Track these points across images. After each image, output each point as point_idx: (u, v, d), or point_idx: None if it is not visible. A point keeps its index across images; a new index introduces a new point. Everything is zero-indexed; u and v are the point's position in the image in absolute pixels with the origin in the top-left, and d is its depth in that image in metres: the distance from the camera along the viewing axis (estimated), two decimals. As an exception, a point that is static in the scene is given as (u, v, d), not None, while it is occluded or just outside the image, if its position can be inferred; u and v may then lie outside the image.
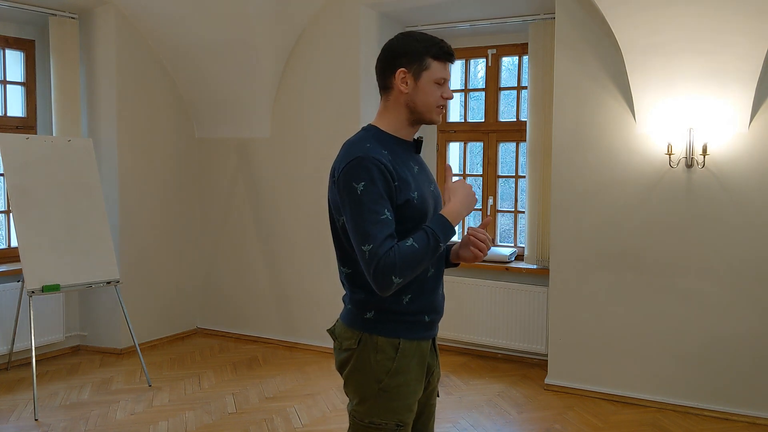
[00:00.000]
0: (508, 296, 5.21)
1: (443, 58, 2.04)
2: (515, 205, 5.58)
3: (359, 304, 2.05)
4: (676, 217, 4.27)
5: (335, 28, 5.34)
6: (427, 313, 2.09)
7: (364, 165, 1.92)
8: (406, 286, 2.01)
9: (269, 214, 5.79)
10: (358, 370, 2.05)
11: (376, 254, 1.87)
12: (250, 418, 4.18)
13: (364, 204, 1.90)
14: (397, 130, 2.08)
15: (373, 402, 2.04)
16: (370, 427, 2.05)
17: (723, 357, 4.17)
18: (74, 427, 4.03)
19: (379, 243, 1.88)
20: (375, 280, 1.90)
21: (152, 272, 5.75)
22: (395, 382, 2.02)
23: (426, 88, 2.03)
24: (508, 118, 5.65)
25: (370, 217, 1.89)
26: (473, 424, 4.09)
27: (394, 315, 2.03)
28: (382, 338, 2.02)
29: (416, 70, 2.03)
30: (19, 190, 4.54)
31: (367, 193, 1.90)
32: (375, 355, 2.02)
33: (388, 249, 1.88)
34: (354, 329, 2.06)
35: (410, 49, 2.03)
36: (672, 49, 4.01)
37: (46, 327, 5.18)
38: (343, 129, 5.23)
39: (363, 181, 1.91)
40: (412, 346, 2.05)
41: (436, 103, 2.06)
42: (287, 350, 5.64)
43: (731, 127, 4.08)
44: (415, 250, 1.90)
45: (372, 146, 1.98)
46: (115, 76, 5.37)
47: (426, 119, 2.08)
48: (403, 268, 1.89)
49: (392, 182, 1.95)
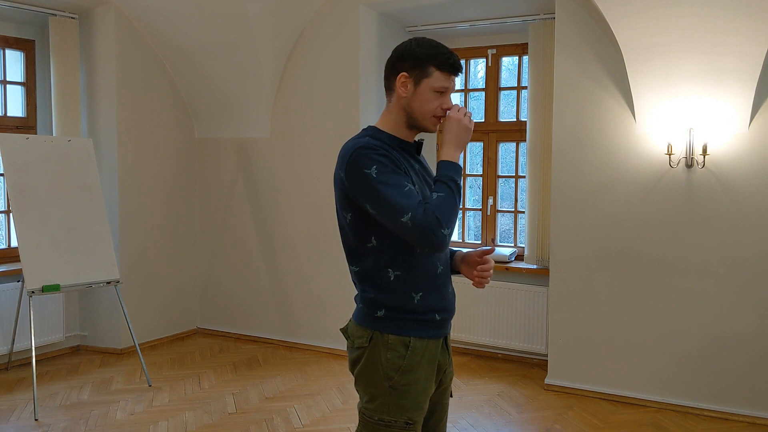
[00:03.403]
0: (508, 296, 5.21)
1: (446, 69, 2.05)
2: (515, 205, 5.58)
3: (370, 302, 2.07)
4: (676, 217, 4.27)
5: (335, 28, 5.34)
6: (437, 311, 2.10)
7: (369, 152, 1.97)
8: (416, 284, 2.05)
9: (269, 214, 5.79)
10: (368, 367, 2.07)
11: (416, 220, 1.91)
12: (250, 418, 4.18)
13: (384, 183, 1.94)
14: (396, 131, 2.11)
15: (383, 400, 2.05)
16: (379, 425, 2.05)
17: (723, 357, 4.18)
18: (74, 427, 4.03)
19: (414, 209, 1.92)
20: (426, 242, 1.93)
21: (152, 272, 5.75)
22: (405, 380, 2.04)
23: (424, 95, 2.06)
24: (508, 118, 5.65)
25: (396, 191, 1.93)
26: (473, 424, 4.09)
27: (404, 313, 2.05)
28: (392, 336, 2.04)
29: (417, 75, 2.05)
30: (19, 190, 4.54)
31: (382, 173, 1.95)
32: (386, 353, 2.04)
33: (423, 211, 1.92)
34: (365, 328, 2.08)
35: (415, 54, 2.05)
36: (672, 49, 4.01)
37: (46, 327, 5.18)
38: (343, 129, 5.23)
39: (374, 165, 1.95)
40: (422, 345, 2.06)
41: (433, 113, 2.08)
42: (287, 350, 5.64)
43: (731, 127, 4.08)
44: (445, 199, 1.95)
45: (372, 140, 2.03)
46: (115, 76, 5.37)
47: (421, 126, 2.11)
48: (446, 217, 1.93)
49: (398, 166, 2.00)
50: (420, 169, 2.13)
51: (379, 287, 2.05)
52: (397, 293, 2.05)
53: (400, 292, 2.04)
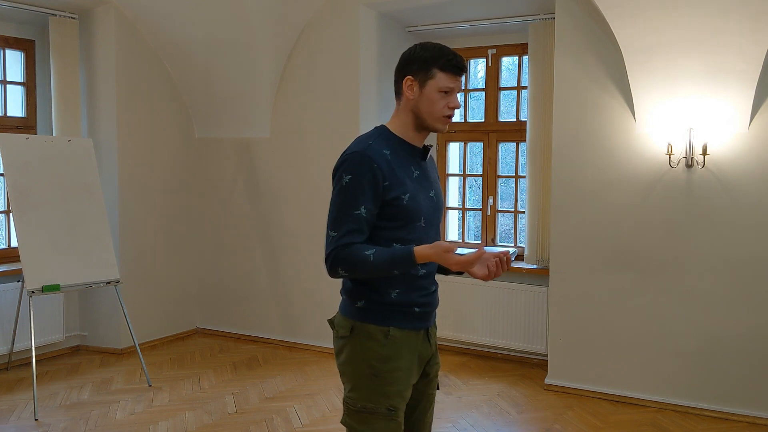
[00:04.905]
0: (508, 296, 5.21)
1: (449, 70, 2.12)
2: (515, 205, 5.58)
3: (350, 293, 2.16)
4: (675, 217, 4.27)
5: (335, 28, 5.34)
6: (417, 305, 2.16)
7: (357, 160, 2.05)
8: (393, 283, 2.11)
9: (269, 213, 5.79)
10: (351, 357, 2.14)
11: (335, 242, 2.03)
12: (250, 418, 4.18)
13: (346, 195, 2.04)
14: (404, 134, 2.18)
15: (366, 387, 2.11)
16: (362, 412, 2.11)
17: (723, 357, 4.17)
18: (74, 427, 4.03)
19: (343, 233, 2.03)
20: (326, 263, 2.06)
21: (152, 272, 5.75)
22: (386, 367, 2.10)
23: (430, 96, 2.12)
24: (508, 118, 5.65)
25: (346, 209, 2.04)
26: (473, 424, 4.09)
27: (383, 305, 2.12)
28: (372, 326, 2.12)
29: (422, 78, 2.13)
30: (19, 190, 4.54)
31: (351, 186, 2.04)
32: (366, 341, 2.11)
33: (347, 243, 2.02)
34: (348, 318, 2.16)
35: (419, 58, 2.13)
36: (672, 50, 4.01)
37: (46, 327, 5.18)
38: (343, 129, 5.23)
39: (350, 175, 2.05)
40: (402, 335, 2.13)
41: (441, 113, 2.14)
42: (287, 350, 5.64)
43: (731, 127, 4.08)
44: (367, 262, 2.01)
45: (374, 143, 2.10)
46: (115, 76, 5.37)
47: (429, 126, 2.17)
48: (352, 269, 2.03)
49: (381, 181, 2.05)
50: (420, 175, 2.17)
51: (358, 279, 2.13)
52: (375, 288, 2.12)
53: (378, 287, 2.12)
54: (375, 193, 2.05)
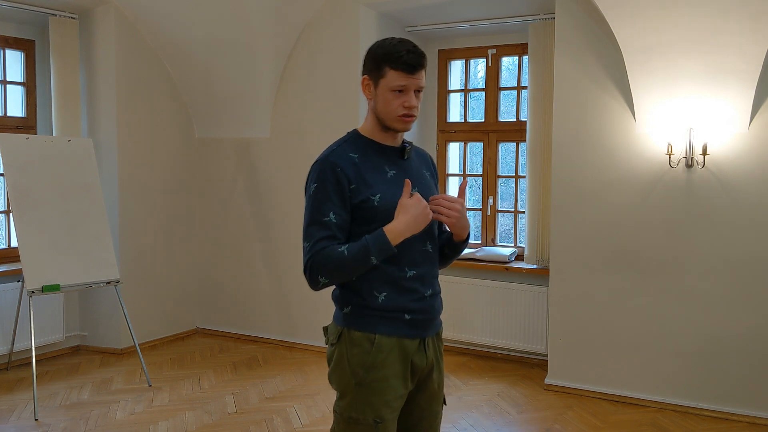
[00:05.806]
0: (508, 296, 5.21)
1: (400, 68, 2.01)
2: (515, 205, 5.58)
3: (338, 299, 2.12)
4: (675, 217, 4.27)
5: (335, 28, 5.34)
6: (407, 312, 2.06)
7: (320, 168, 2.05)
8: (378, 285, 2.04)
9: (269, 213, 5.79)
10: (338, 364, 2.08)
11: (310, 252, 1.99)
12: (250, 418, 4.18)
13: (313, 205, 2.03)
14: (373, 134, 2.13)
15: (352, 397, 2.05)
16: (349, 422, 2.05)
17: (723, 357, 4.17)
18: (74, 427, 4.03)
19: (314, 242, 2.00)
20: (305, 274, 2.01)
21: (152, 272, 5.75)
22: (371, 376, 2.03)
23: (384, 96, 2.05)
24: (508, 118, 5.65)
25: (314, 218, 2.02)
26: (473, 424, 4.09)
27: (369, 310, 2.05)
28: (357, 333, 2.05)
29: (375, 77, 2.07)
30: (19, 190, 4.54)
31: (317, 195, 2.03)
32: (352, 349, 2.05)
33: (321, 249, 1.98)
34: (337, 325, 2.12)
35: (373, 56, 2.07)
36: (672, 49, 4.01)
37: (46, 327, 5.18)
38: (342, 129, 5.13)
39: (315, 183, 2.04)
40: (389, 342, 2.04)
41: (396, 112, 2.05)
42: (287, 350, 5.64)
43: (731, 127, 4.08)
44: (343, 258, 1.97)
45: (338, 149, 2.09)
46: (115, 76, 5.37)
47: (389, 126, 2.09)
48: (331, 271, 1.98)
49: (347, 184, 2.02)
50: (396, 175, 2.09)
51: (344, 284, 2.08)
52: (360, 292, 2.05)
53: (363, 290, 2.05)
54: (342, 197, 2.01)
